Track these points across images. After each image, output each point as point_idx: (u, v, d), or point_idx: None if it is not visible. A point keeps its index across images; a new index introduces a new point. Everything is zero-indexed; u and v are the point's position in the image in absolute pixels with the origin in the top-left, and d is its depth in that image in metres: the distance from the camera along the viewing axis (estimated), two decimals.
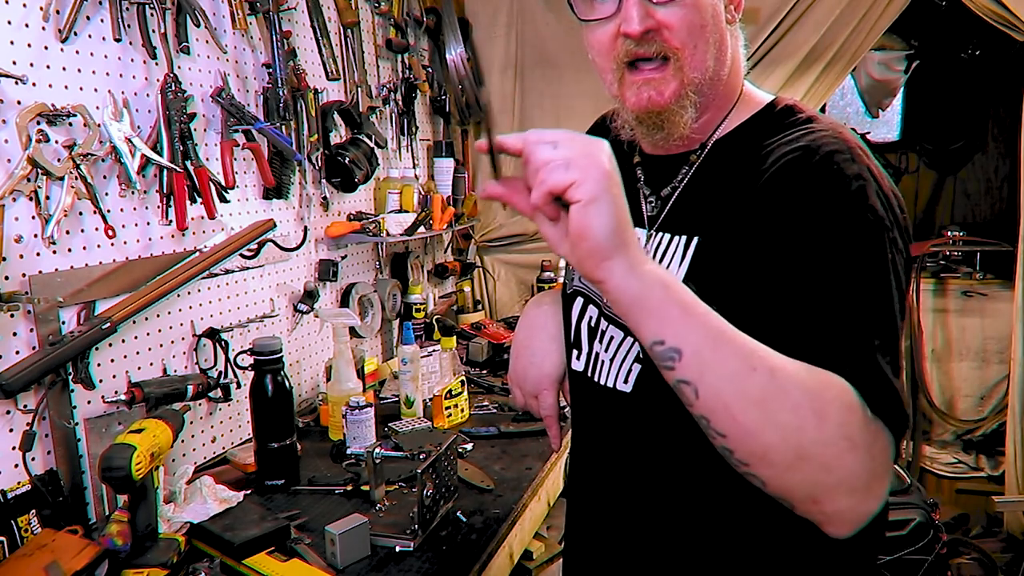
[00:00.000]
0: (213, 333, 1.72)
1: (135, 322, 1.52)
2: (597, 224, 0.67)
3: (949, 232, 3.33)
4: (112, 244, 1.47)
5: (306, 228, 2.04)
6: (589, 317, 0.99)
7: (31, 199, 1.29)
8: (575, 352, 1.02)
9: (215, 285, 1.77)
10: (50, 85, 1.35)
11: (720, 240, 0.84)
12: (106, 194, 1.45)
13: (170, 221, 1.57)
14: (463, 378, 2.03)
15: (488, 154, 0.74)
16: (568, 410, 1.09)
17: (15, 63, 1.28)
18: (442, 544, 1.34)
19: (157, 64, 1.55)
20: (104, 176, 1.44)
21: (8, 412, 1.28)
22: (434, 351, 2.12)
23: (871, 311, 0.74)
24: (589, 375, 0.98)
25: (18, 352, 1.29)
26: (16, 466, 1.29)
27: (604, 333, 0.96)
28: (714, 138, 0.92)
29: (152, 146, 1.51)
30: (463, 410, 2.00)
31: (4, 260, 1.26)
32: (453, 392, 1.96)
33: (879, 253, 0.75)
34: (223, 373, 1.74)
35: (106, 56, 1.45)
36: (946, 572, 2.48)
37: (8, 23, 1.27)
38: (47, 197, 1.31)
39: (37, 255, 1.33)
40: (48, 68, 1.34)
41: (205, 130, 1.70)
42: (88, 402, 1.43)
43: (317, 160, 2.04)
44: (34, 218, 1.31)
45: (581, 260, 0.70)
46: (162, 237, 1.59)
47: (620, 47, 0.85)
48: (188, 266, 1.60)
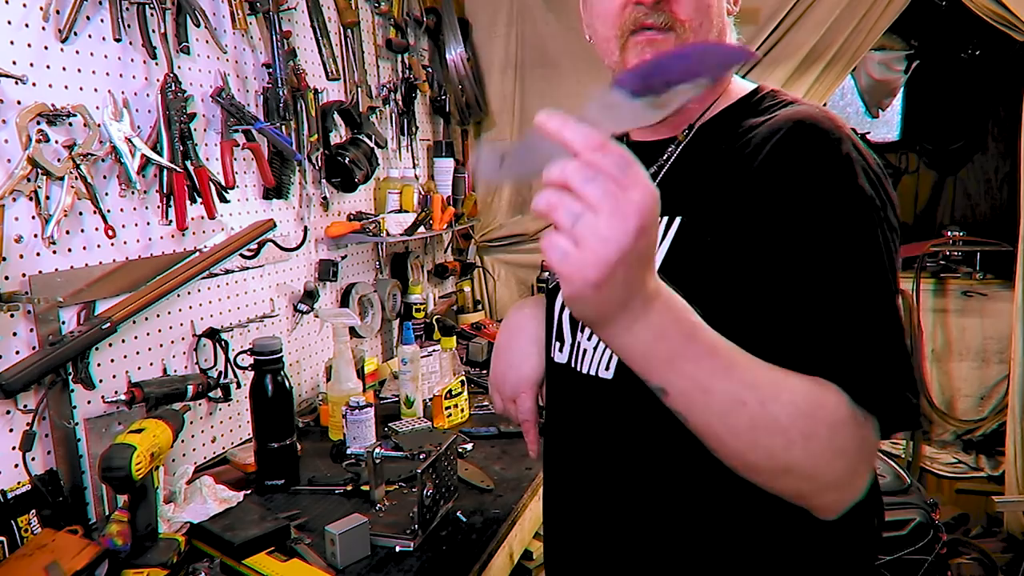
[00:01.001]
0: (213, 333, 1.72)
1: (135, 322, 1.52)
2: (576, 311, 0.63)
3: (949, 232, 3.33)
4: (112, 244, 1.47)
5: (306, 228, 2.04)
6: None
7: (31, 199, 1.29)
8: (557, 344, 0.99)
9: (215, 285, 1.77)
10: (50, 85, 1.35)
11: (703, 220, 0.82)
12: (106, 194, 1.45)
13: (170, 221, 1.57)
14: (463, 378, 2.03)
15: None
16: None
17: (15, 63, 1.28)
18: (442, 544, 1.34)
19: (157, 64, 1.55)
20: (104, 176, 1.44)
21: (8, 412, 1.28)
22: (434, 351, 2.13)
23: (862, 298, 0.72)
24: (572, 366, 0.95)
25: (18, 352, 1.29)
26: (16, 466, 1.29)
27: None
28: (699, 122, 0.92)
29: (152, 146, 1.51)
30: (463, 410, 2.00)
31: (4, 260, 1.26)
32: (453, 392, 1.96)
33: (870, 234, 0.74)
34: (223, 373, 1.74)
35: (106, 56, 1.45)
36: (946, 572, 2.48)
37: (8, 23, 1.27)
38: (47, 197, 1.31)
39: (37, 255, 1.33)
40: (48, 68, 1.34)
41: (205, 130, 1.70)
42: (88, 402, 1.43)
43: (317, 160, 2.04)
44: (34, 218, 1.31)
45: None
46: (162, 237, 1.59)
47: (628, 15, 0.86)
48: (188, 266, 1.60)
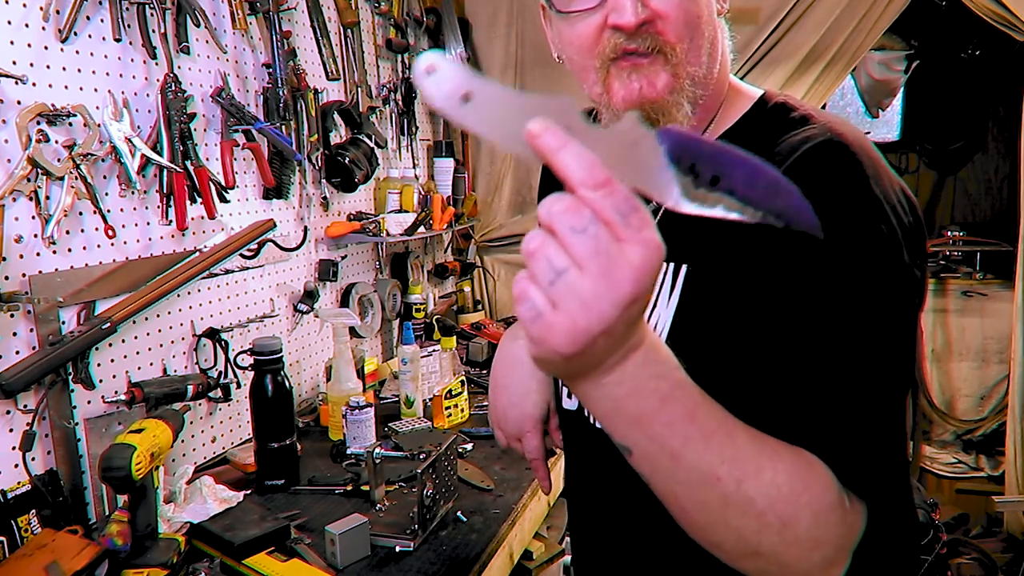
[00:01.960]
0: (213, 333, 1.72)
1: (135, 322, 1.51)
2: (539, 367, 0.55)
3: (949, 232, 3.34)
4: (112, 244, 1.47)
5: (306, 228, 2.04)
6: None
7: (31, 199, 1.29)
8: (565, 390, 0.93)
9: (215, 285, 1.77)
10: (50, 85, 1.35)
11: (710, 271, 0.76)
12: (106, 194, 1.44)
13: (170, 221, 1.57)
14: (463, 378, 2.03)
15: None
16: (559, 445, 1.02)
17: (15, 63, 1.28)
18: (442, 544, 1.34)
19: (157, 64, 1.55)
20: (104, 176, 1.44)
21: (8, 412, 1.28)
22: (434, 351, 2.12)
23: (868, 377, 0.66)
24: (585, 414, 0.89)
25: (18, 352, 1.29)
26: (16, 466, 1.29)
27: None
28: (707, 130, 0.84)
29: (152, 146, 1.51)
30: (463, 410, 2.00)
31: (4, 260, 1.26)
32: (453, 392, 1.96)
33: (887, 303, 0.66)
34: (223, 373, 1.74)
35: (106, 56, 1.45)
36: (946, 572, 2.47)
37: (8, 23, 1.27)
38: (47, 197, 1.31)
39: (37, 255, 1.33)
40: (48, 68, 1.34)
41: (205, 130, 1.70)
42: (88, 402, 1.43)
43: (317, 160, 2.04)
44: (34, 218, 1.31)
45: None
46: (162, 237, 1.59)
47: (607, 41, 0.75)
48: (188, 266, 1.60)
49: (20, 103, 1.29)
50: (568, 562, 2.20)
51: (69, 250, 1.39)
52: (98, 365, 1.44)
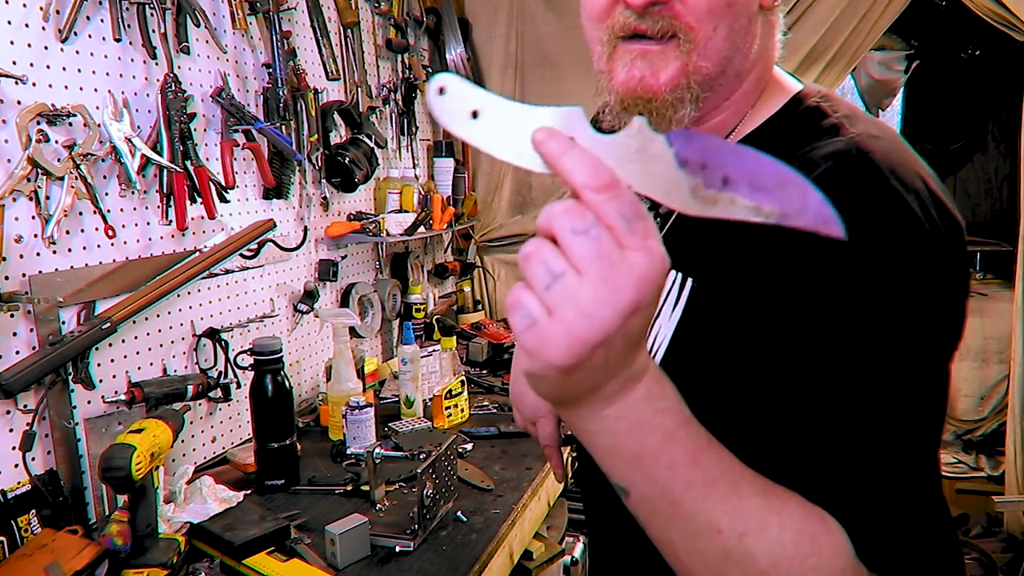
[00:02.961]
0: (213, 333, 1.72)
1: (135, 322, 1.51)
2: (533, 387, 0.51)
3: None
4: (112, 244, 1.47)
5: (306, 228, 2.04)
6: None
7: (31, 199, 1.29)
8: None
9: (215, 285, 1.77)
10: (50, 85, 1.35)
11: (718, 287, 0.69)
12: (106, 194, 1.44)
13: (170, 221, 1.57)
14: (463, 378, 2.03)
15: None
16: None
17: (15, 63, 1.28)
18: (442, 544, 1.34)
19: (157, 64, 1.55)
20: (104, 176, 1.44)
21: (8, 412, 1.28)
22: (434, 351, 2.12)
23: (893, 423, 0.58)
24: None
25: (18, 352, 1.29)
26: (16, 466, 1.29)
27: None
28: (732, 133, 0.76)
29: (152, 146, 1.51)
30: (463, 410, 2.00)
31: (4, 260, 1.26)
32: (453, 392, 1.96)
33: (914, 326, 0.58)
34: (223, 373, 1.74)
35: (106, 56, 1.45)
36: None
37: (8, 23, 1.27)
38: (47, 197, 1.31)
39: (37, 255, 1.33)
40: (48, 68, 1.34)
41: (205, 130, 1.70)
42: (88, 402, 1.43)
43: (317, 160, 2.04)
44: (34, 218, 1.31)
45: None
46: (162, 237, 1.59)
47: (616, 17, 0.68)
48: (188, 266, 1.60)
49: (20, 103, 1.29)
50: (568, 562, 2.19)
51: (69, 250, 1.39)
52: (98, 365, 1.44)
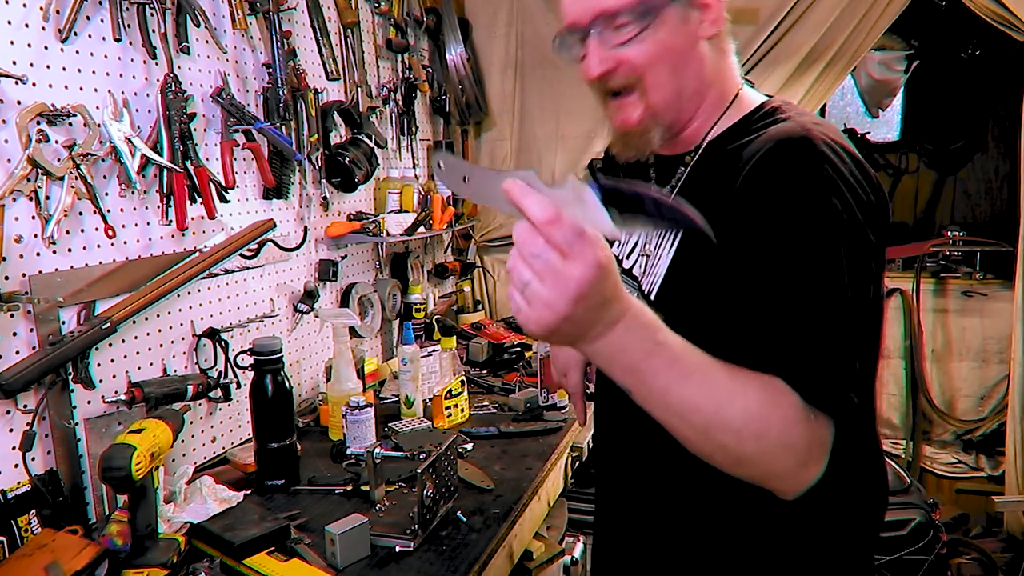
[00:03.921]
0: (213, 333, 1.72)
1: (135, 322, 1.52)
2: (539, 339, 0.81)
3: (949, 232, 3.33)
4: (112, 244, 1.47)
5: (306, 228, 2.04)
6: None
7: (31, 199, 1.29)
8: None
9: (215, 285, 1.77)
10: (50, 85, 1.35)
11: (697, 241, 0.89)
12: (106, 194, 1.45)
13: (170, 221, 1.57)
14: (463, 378, 2.03)
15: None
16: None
17: (15, 63, 1.28)
18: (442, 544, 1.34)
19: (157, 64, 1.55)
20: (104, 176, 1.44)
21: (8, 412, 1.28)
22: (434, 351, 2.12)
23: (816, 309, 0.79)
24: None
25: (18, 352, 1.29)
26: (16, 466, 1.29)
27: None
28: (706, 140, 0.99)
29: (152, 146, 1.51)
30: (463, 410, 2.00)
31: (4, 260, 1.26)
32: (453, 392, 1.96)
33: (831, 250, 0.79)
34: (223, 373, 1.74)
35: (106, 56, 1.45)
36: (946, 572, 2.48)
37: (8, 23, 1.27)
38: (47, 197, 1.31)
39: (37, 255, 1.33)
40: (48, 68, 1.34)
41: (205, 130, 1.70)
42: (88, 402, 1.43)
43: (317, 160, 2.04)
44: (34, 218, 1.31)
45: None
46: (162, 237, 1.59)
47: (595, 85, 0.96)
48: (188, 266, 1.60)
49: (20, 103, 1.29)
50: (568, 562, 2.20)
51: (69, 250, 1.39)
52: (98, 365, 1.44)
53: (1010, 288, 2.76)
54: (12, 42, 1.28)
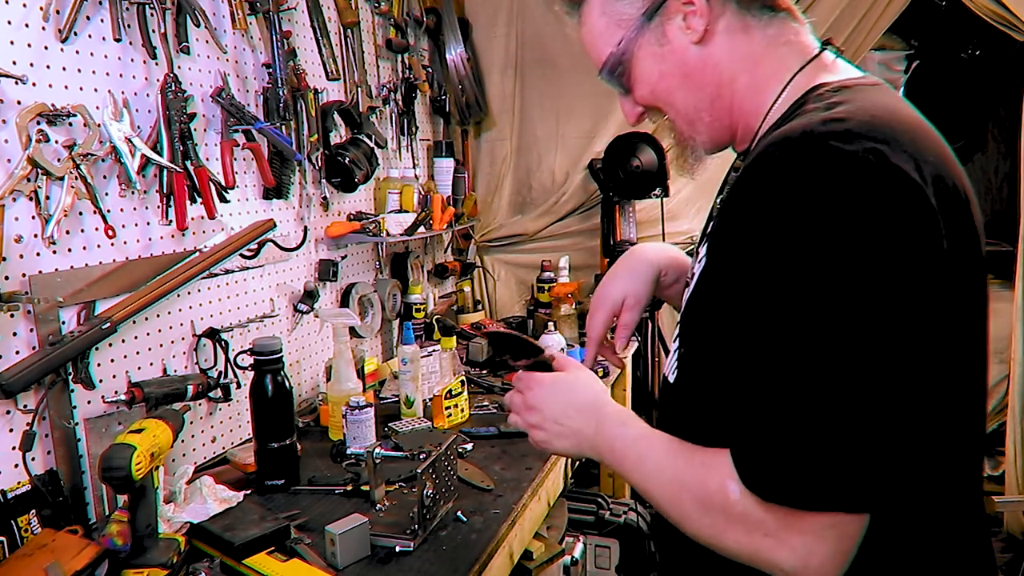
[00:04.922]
0: (213, 333, 1.72)
1: (135, 322, 1.52)
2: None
3: None
4: (112, 244, 1.47)
5: (306, 228, 2.04)
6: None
7: (31, 199, 1.29)
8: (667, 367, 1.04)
9: (215, 285, 1.77)
10: (50, 85, 1.35)
11: (711, 266, 0.83)
12: (106, 194, 1.44)
13: (170, 221, 1.57)
14: (463, 378, 2.02)
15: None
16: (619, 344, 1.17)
17: (15, 63, 1.28)
18: (442, 544, 1.34)
19: (157, 64, 1.55)
20: (104, 176, 1.44)
21: (8, 412, 1.28)
22: (434, 351, 2.12)
23: (794, 382, 0.66)
24: (671, 381, 0.98)
25: (18, 352, 1.29)
26: (16, 466, 1.29)
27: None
28: (757, 137, 0.86)
29: (152, 146, 1.51)
30: (463, 410, 2.00)
31: (4, 260, 1.26)
32: (453, 392, 1.96)
33: (817, 306, 0.65)
34: (223, 373, 1.74)
35: (106, 56, 1.45)
36: None
37: (8, 23, 1.27)
38: (47, 197, 1.31)
39: (37, 255, 1.33)
40: (48, 68, 1.34)
41: (205, 130, 1.70)
42: (88, 402, 1.43)
43: (317, 160, 2.04)
44: (34, 218, 1.31)
45: None
46: (162, 237, 1.59)
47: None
48: (188, 266, 1.60)
49: (20, 103, 1.29)
50: (568, 562, 2.20)
51: (69, 250, 1.39)
52: (98, 365, 1.44)
53: (1010, 288, 2.76)
54: (12, 42, 1.28)
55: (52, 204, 1.31)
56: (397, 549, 1.31)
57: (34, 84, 1.31)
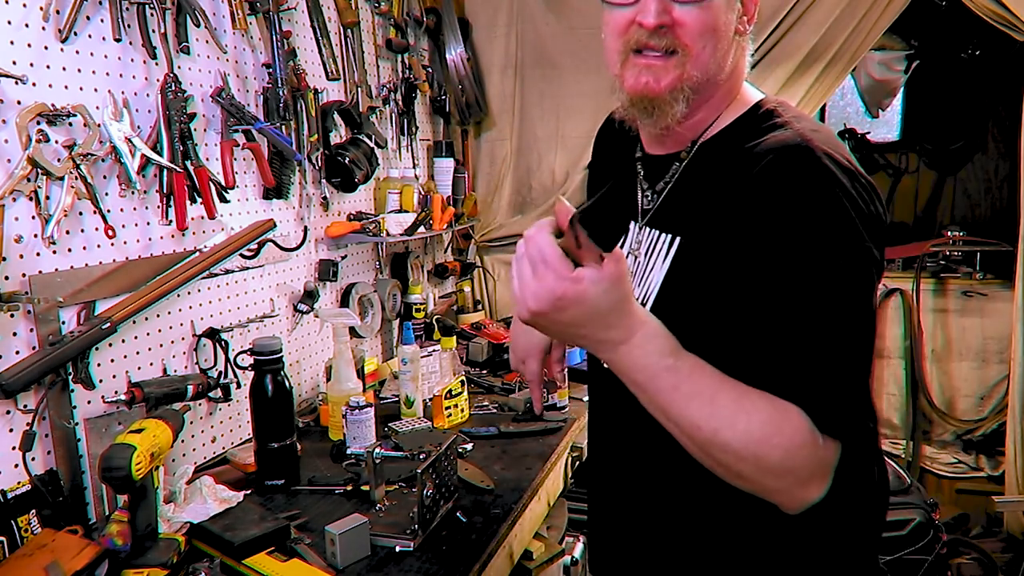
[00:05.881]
0: (213, 333, 1.72)
1: (135, 322, 1.51)
2: (543, 331, 0.87)
3: (949, 232, 3.33)
4: (112, 244, 1.47)
5: (306, 228, 2.04)
6: None
7: (31, 199, 1.29)
8: None
9: (215, 285, 1.77)
10: (50, 85, 1.34)
11: (698, 244, 0.91)
12: (106, 194, 1.44)
13: (170, 221, 1.57)
14: (463, 378, 2.03)
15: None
16: (557, 377, 1.24)
17: (15, 63, 1.28)
18: (442, 544, 1.34)
19: (157, 64, 1.55)
20: (104, 176, 1.44)
21: (8, 412, 1.28)
22: (434, 351, 2.12)
23: (830, 331, 0.79)
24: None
25: (18, 352, 1.29)
26: (16, 466, 1.29)
27: None
28: (703, 139, 0.97)
29: (152, 146, 1.51)
30: (463, 410, 2.00)
31: (4, 260, 1.26)
32: (453, 392, 1.96)
33: (846, 269, 0.80)
34: (223, 373, 1.74)
35: (106, 56, 1.45)
36: (946, 572, 2.48)
37: (8, 23, 1.27)
38: (47, 197, 1.31)
39: (37, 255, 1.33)
40: (48, 68, 1.34)
41: (205, 130, 1.70)
42: (88, 402, 1.43)
43: (317, 160, 2.04)
44: (34, 218, 1.31)
45: None
46: (162, 237, 1.59)
47: (632, 33, 0.90)
48: (188, 266, 1.60)
49: (20, 103, 1.29)
50: (568, 562, 2.19)
51: (69, 250, 1.39)
52: (98, 365, 1.44)
53: (1010, 288, 2.76)
54: (12, 42, 1.28)
55: (52, 204, 1.31)
56: (397, 549, 1.31)
57: (34, 84, 1.31)
